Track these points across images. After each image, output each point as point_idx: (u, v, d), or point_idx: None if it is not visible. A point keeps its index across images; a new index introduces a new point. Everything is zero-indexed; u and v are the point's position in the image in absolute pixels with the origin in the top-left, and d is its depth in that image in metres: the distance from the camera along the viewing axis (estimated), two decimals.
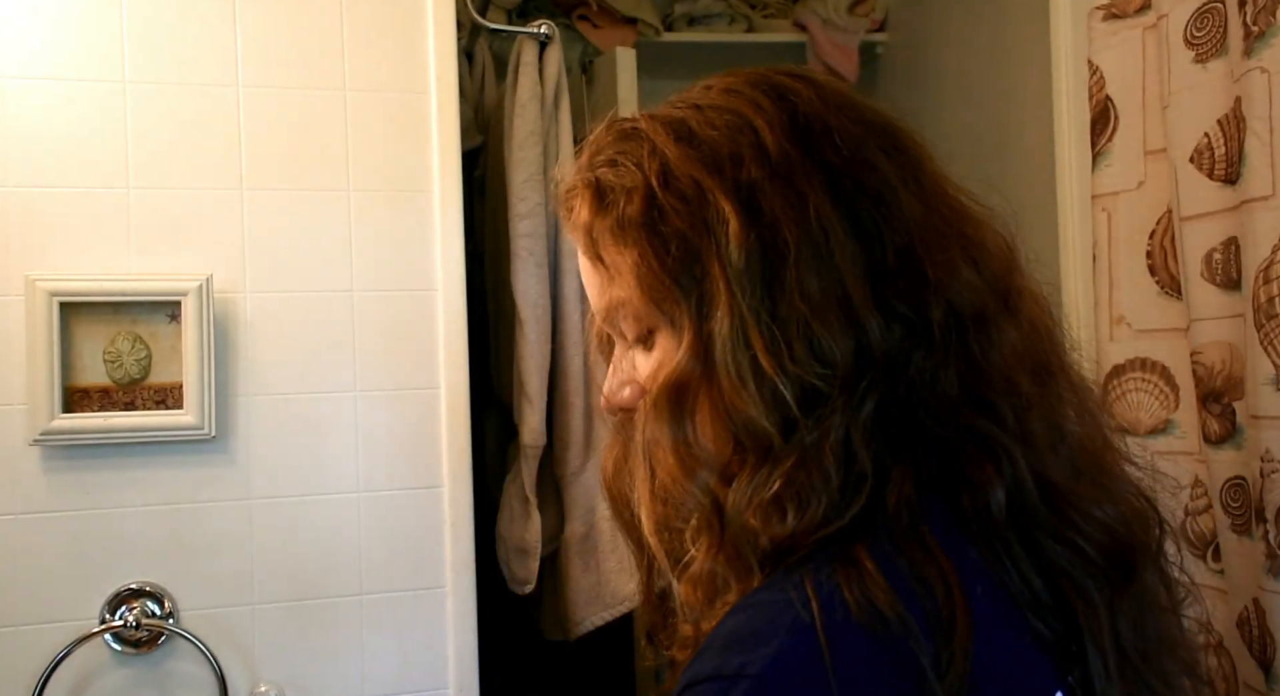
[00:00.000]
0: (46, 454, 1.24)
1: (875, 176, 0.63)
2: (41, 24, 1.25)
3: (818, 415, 0.60)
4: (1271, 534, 1.21)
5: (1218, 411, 1.32)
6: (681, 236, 0.63)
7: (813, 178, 0.62)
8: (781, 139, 0.63)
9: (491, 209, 1.88)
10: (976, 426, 0.61)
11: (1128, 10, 1.50)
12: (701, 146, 0.65)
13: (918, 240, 0.62)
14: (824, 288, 0.60)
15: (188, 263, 1.29)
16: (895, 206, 0.63)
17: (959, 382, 0.61)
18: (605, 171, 0.68)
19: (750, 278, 0.61)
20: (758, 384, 0.60)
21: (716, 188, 0.62)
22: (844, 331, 0.60)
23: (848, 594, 0.55)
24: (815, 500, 0.59)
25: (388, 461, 1.36)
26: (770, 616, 0.55)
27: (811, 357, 0.60)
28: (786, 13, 2.61)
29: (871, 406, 0.60)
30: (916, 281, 0.62)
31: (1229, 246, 1.29)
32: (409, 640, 1.36)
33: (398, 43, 1.37)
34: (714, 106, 0.67)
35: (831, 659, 0.52)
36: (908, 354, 0.61)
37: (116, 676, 1.26)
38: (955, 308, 0.62)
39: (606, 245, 0.67)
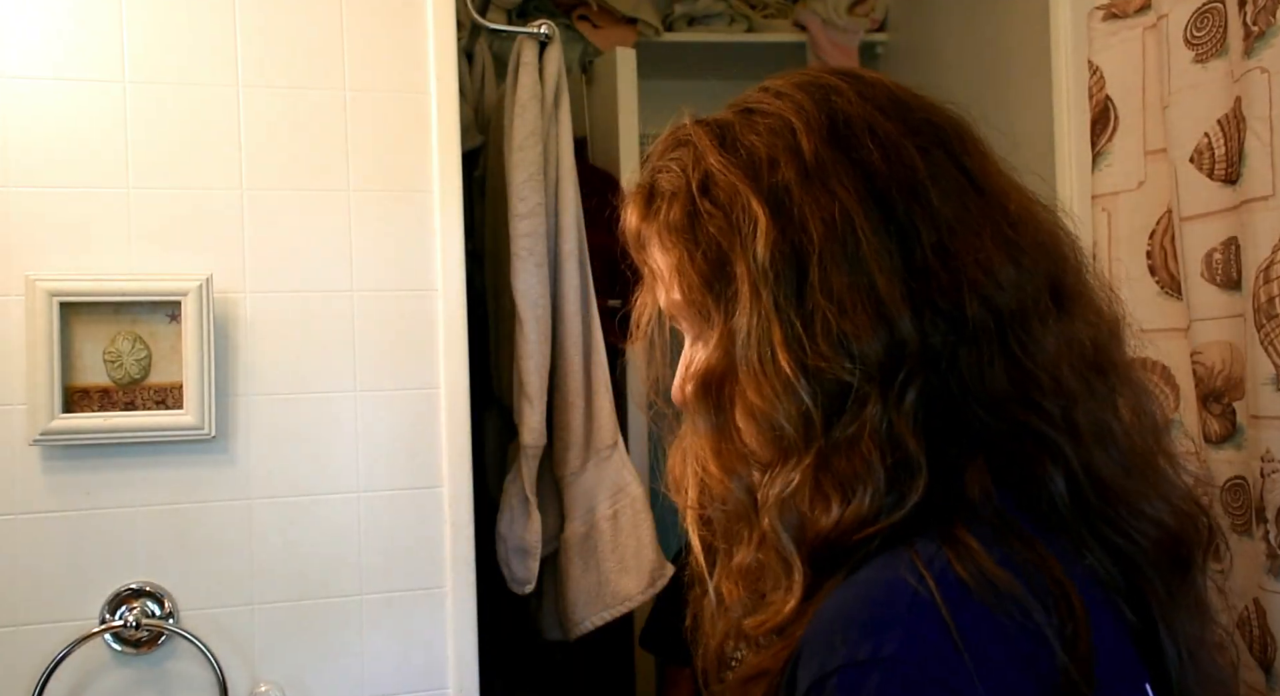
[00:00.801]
0: (46, 454, 1.24)
1: (911, 175, 0.64)
2: (42, 24, 1.25)
3: (851, 408, 0.60)
4: (1271, 534, 1.21)
5: (1218, 411, 1.32)
6: (713, 239, 0.65)
7: (844, 178, 0.63)
8: (817, 141, 0.65)
9: (491, 209, 1.88)
10: (1028, 422, 0.62)
11: (1128, 10, 1.50)
12: (740, 153, 0.66)
13: (953, 238, 0.63)
14: (851, 284, 0.61)
15: (188, 263, 1.29)
16: (930, 205, 0.63)
17: (1002, 382, 0.62)
18: (659, 177, 0.71)
19: (774, 276, 0.62)
20: (777, 380, 0.61)
21: (750, 192, 0.64)
22: (874, 326, 0.61)
23: (960, 570, 0.55)
24: (862, 490, 0.59)
25: (388, 461, 1.36)
26: (885, 596, 0.56)
27: (838, 352, 0.60)
28: (786, 13, 2.61)
29: (914, 397, 0.61)
30: (953, 279, 0.62)
31: (1229, 246, 1.29)
32: (409, 640, 1.36)
33: (398, 43, 1.37)
34: (761, 111, 0.68)
35: (960, 634, 0.53)
36: (953, 349, 0.62)
37: (116, 676, 1.26)
38: (993, 304, 0.62)
39: (653, 249, 0.70)
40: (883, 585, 0.56)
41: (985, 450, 0.61)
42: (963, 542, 0.57)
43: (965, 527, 0.58)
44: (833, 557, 0.60)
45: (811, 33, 2.54)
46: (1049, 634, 0.54)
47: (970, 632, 0.53)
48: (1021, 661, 0.54)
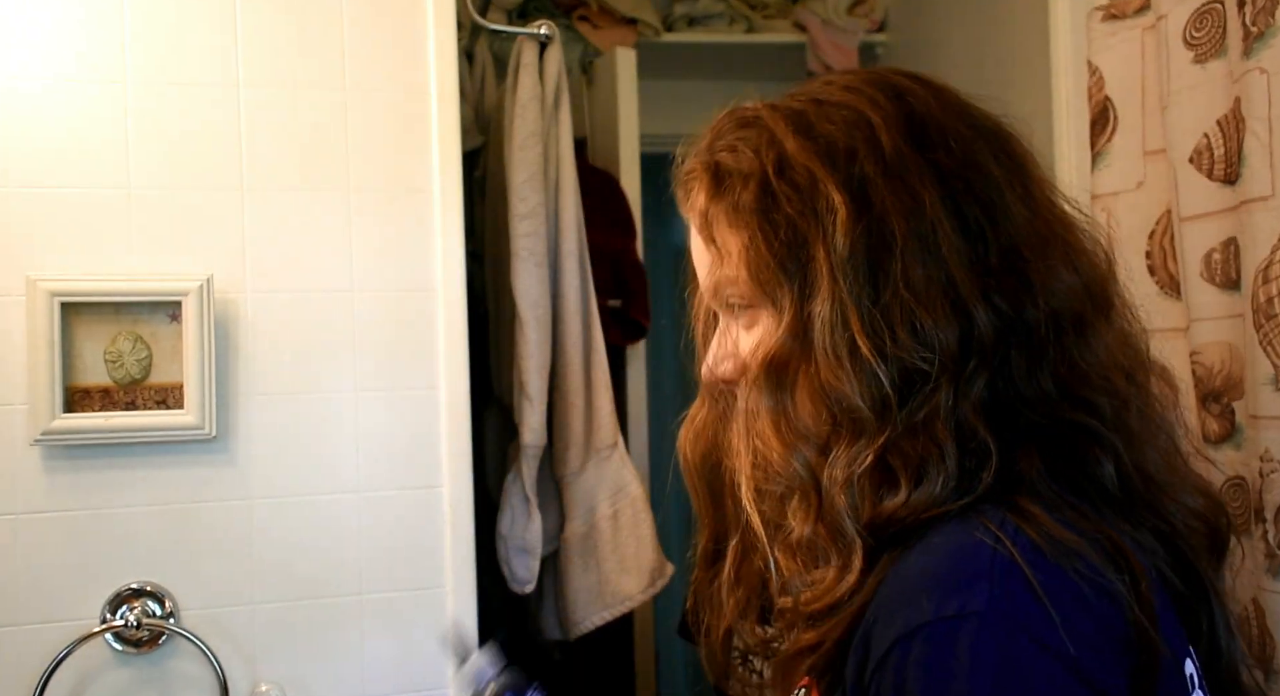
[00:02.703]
0: (47, 454, 1.24)
1: (984, 180, 0.67)
2: (42, 24, 1.25)
3: (922, 394, 0.63)
4: (1271, 534, 1.21)
5: (1217, 411, 1.32)
6: (791, 223, 0.66)
7: (924, 176, 0.66)
8: (897, 137, 0.67)
9: (491, 209, 1.88)
10: (1076, 420, 0.65)
11: (1127, 11, 1.50)
12: (818, 139, 0.68)
13: (1021, 243, 0.66)
14: (929, 278, 0.64)
15: (188, 263, 1.29)
16: (1002, 210, 0.66)
17: (1054, 381, 0.65)
18: (725, 156, 0.71)
19: (854, 266, 0.64)
20: (854, 364, 0.63)
21: (829, 179, 0.66)
22: (949, 319, 0.63)
23: (1033, 534, 0.57)
24: (933, 472, 0.62)
25: (388, 461, 1.36)
26: (966, 557, 0.58)
27: (915, 342, 0.63)
28: (786, 13, 2.61)
29: (981, 387, 0.63)
30: (1018, 282, 0.65)
31: (1228, 247, 1.29)
32: (409, 640, 1.36)
33: (398, 43, 1.37)
34: (833, 102, 0.70)
35: (1043, 589, 0.55)
36: (1005, 349, 0.64)
37: (117, 676, 1.26)
38: (1055, 310, 0.65)
39: (720, 227, 0.71)
40: (961, 546, 0.58)
41: (1034, 440, 0.64)
42: (1027, 510, 0.59)
43: (1026, 498, 0.60)
44: (894, 536, 0.62)
45: (811, 33, 2.55)
46: (1121, 590, 0.57)
47: (1050, 588, 0.55)
48: (1097, 616, 0.56)
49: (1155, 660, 0.57)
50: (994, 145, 0.69)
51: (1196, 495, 0.70)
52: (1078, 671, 0.54)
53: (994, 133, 0.70)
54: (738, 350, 0.73)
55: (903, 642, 0.57)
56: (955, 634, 0.55)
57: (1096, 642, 0.56)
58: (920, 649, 0.56)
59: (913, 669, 0.56)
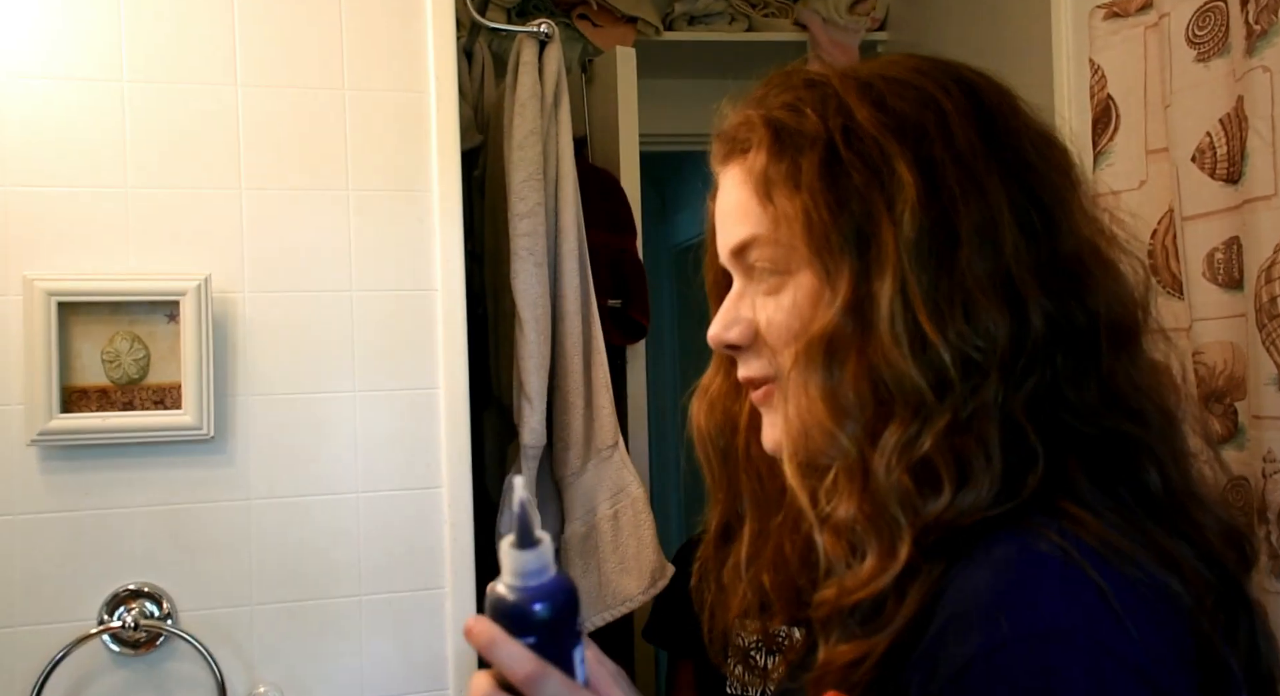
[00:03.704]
0: (44, 454, 1.24)
1: (1044, 185, 0.66)
2: (41, 24, 1.25)
3: (974, 386, 0.62)
4: (1273, 534, 1.21)
5: (1220, 411, 1.32)
6: (859, 195, 0.64)
7: (991, 170, 0.65)
8: (968, 126, 0.66)
9: (491, 209, 1.88)
10: (1121, 428, 0.64)
11: (1129, 9, 1.49)
12: (891, 113, 0.66)
13: (1073, 251, 0.66)
14: (990, 271, 0.63)
15: (186, 262, 1.28)
16: (1060, 217, 0.66)
17: (1100, 390, 0.64)
18: (784, 113, 0.69)
19: (919, 248, 0.63)
20: (916, 344, 0.62)
21: (899, 156, 0.64)
22: (1004, 314, 0.62)
23: (1093, 542, 0.57)
24: (979, 474, 0.60)
25: (388, 461, 1.35)
26: (1037, 570, 0.56)
27: (972, 331, 0.62)
28: (787, 12, 2.60)
29: (1031, 386, 0.63)
30: (1071, 287, 0.64)
31: (1231, 246, 1.29)
32: (409, 640, 1.35)
33: (398, 42, 1.37)
34: (901, 80, 0.68)
35: (1120, 603, 0.54)
36: (1052, 352, 0.63)
37: (115, 677, 1.26)
38: (1103, 319, 0.65)
39: (780, 188, 0.68)
40: (1029, 559, 0.57)
41: (1077, 448, 0.63)
42: (1080, 517, 0.58)
43: (1075, 504, 0.59)
44: (940, 541, 0.60)
45: (812, 32, 2.54)
46: (1186, 601, 0.56)
47: (1123, 600, 0.55)
48: (1166, 629, 0.56)
49: (1226, 676, 0.57)
50: (1053, 154, 0.69)
51: (1229, 511, 0.70)
52: (1156, 688, 0.54)
53: (1052, 142, 0.71)
54: (752, 315, 0.71)
55: (980, 661, 0.55)
56: (1038, 652, 0.54)
57: (1167, 657, 0.55)
58: (1003, 668, 0.54)
59: (998, 688, 0.54)
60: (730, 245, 0.72)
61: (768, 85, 0.72)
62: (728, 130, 0.73)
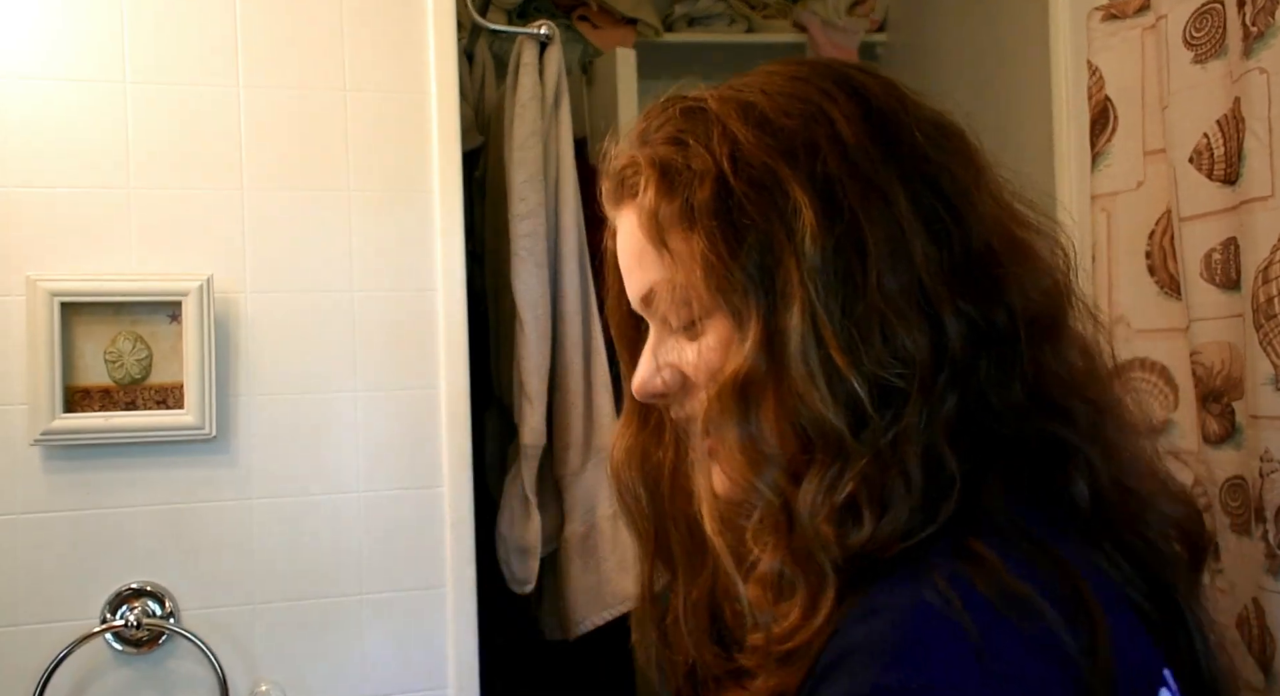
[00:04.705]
0: (47, 454, 1.24)
1: (949, 178, 0.62)
2: (42, 24, 1.25)
3: (895, 413, 0.58)
4: (1271, 533, 1.21)
5: (1217, 411, 1.32)
6: (754, 227, 0.60)
7: (891, 175, 0.61)
8: (859, 132, 0.62)
9: (491, 209, 1.88)
10: (1048, 430, 0.61)
11: (1127, 11, 1.50)
12: (777, 133, 0.62)
13: (986, 244, 0.62)
14: (902, 286, 0.59)
15: (188, 263, 1.29)
16: (966, 210, 0.62)
17: (1025, 389, 0.61)
18: (669, 150, 0.65)
19: (826, 274, 0.59)
20: (830, 381, 0.58)
21: (792, 178, 0.60)
22: (922, 329, 0.59)
23: (984, 589, 0.53)
24: (898, 503, 0.57)
25: (388, 461, 1.36)
26: (914, 622, 0.54)
27: (890, 356, 0.58)
28: (786, 13, 2.61)
29: (953, 404, 0.59)
30: (987, 285, 0.61)
31: (1228, 247, 1.29)
32: (409, 640, 1.36)
33: (398, 43, 1.37)
34: (783, 93, 0.64)
35: (992, 656, 0.51)
36: (974, 358, 0.60)
37: (117, 676, 1.26)
38: (1022, 313, 0.61)
39: (672, 229, 0.64)
40: (909, 608, 0.54)
41: (1002, 459, 0.60)
42: (980, 557, 0.55)
43: (980, 540, 0.56)
44: (859, 572, 0.58)
45: (811, 33, 2.54)
46: (1071, 647, 0.53)
47: (1002, 653, 0.52)
48: (1048, 679, 0.52)
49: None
50: (952, 142, 0.65)
51: (1175, 504, 0.67)
52: None
53: (948, 129, 0.66)
54: (675, 361, 0.67)
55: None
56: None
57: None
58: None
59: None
60: (637, 295, 0.69)
61: (647, 117, 0.68)
62: (614, 171, 0.69)
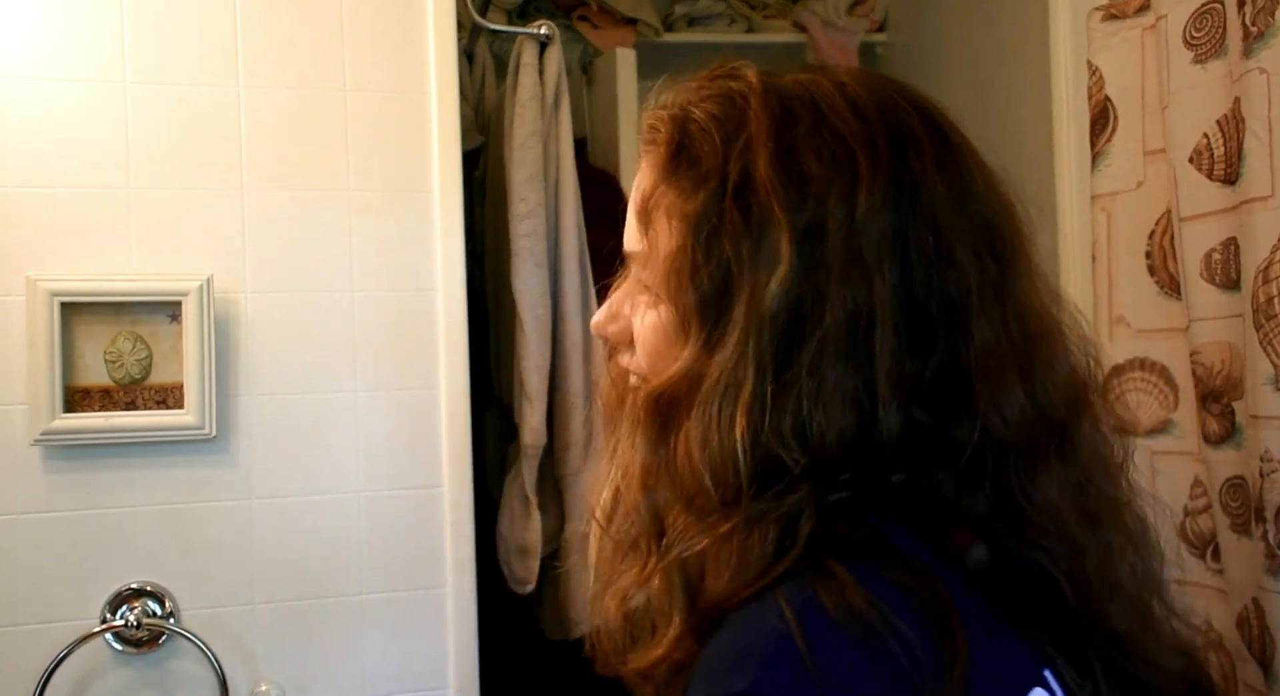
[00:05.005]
0: (48, 454, 1.24)
1: (958, 280, 0.58)
2: (42, 24, 1.25)
3: (775, 491, 0.56)
4: (1271, 533, 1.21)
5: (1217, 411, 1.32)
6: (725, 259, 0.59)
7: (887, 259, 0.57)
8: (877, 200, 0.58)
9: (491, 209, 1.88)
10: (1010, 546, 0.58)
11: (1127, 11, 1.50)
12: (793, 174, 0.58)
13: (974, 362, 0.58)
14: (842, 376, 0.56)
15: (188, 263, 1.29)
16: (964, 318, 0.58)
17: (991, 502, 0.58)
18: (694, 129, 0.62)
19: (770, 337, 0.57)
20: (725, 440, 0.57)
21: (785, 227, 0.57)
22: (842, 423, 0.56)
23: (825, 599, 0.52)
24: (755, 562, 0.56)
25: (388, 461, 1.36)
26: (746, 636, 0.53)
27: (796, 437, 0.56)
28: (786, 13, 2.61)
29: (846, 492, 0.57)
30: (954, 401, 0.58)
31: (1228, 246, 1.29)
32: (409, 640, 1.36)
33: (398, 43, 1.37)
34: (832, 127, 0.60)
35: (818, 670, 0.50)
36: (929, 470, 0.58)
37: (117, 676, 1.26)
38: (996, 439, 0.58)
39: (658, 216, 0.63)
40: (746, 626, 0.54)
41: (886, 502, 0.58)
42: (831, 574, 0.53)
43: (836, 560, 0.54)
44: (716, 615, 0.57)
45: (811, 33, 2.54)
46: (915, 665, 0.51)
47: (831, 667, 0.50)
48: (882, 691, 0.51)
49: None
50: (985, 239, 0.60)
51: (1174, 656, 0.64)
52: None
53: (991, 224, 0.61)
54: (628, 316, 0.68)
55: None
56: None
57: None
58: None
59: None
60: (626, 244, 0.68)
61: (697, 84, 0.65)
62: (646, 119, 0.67)
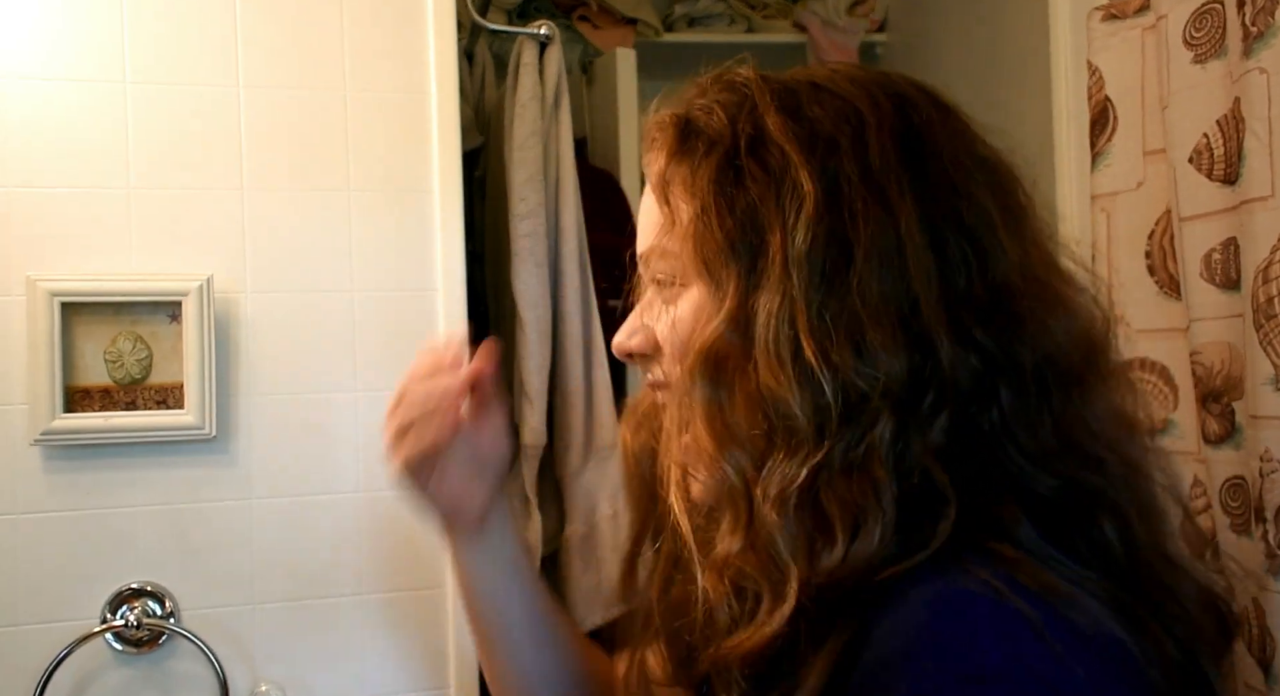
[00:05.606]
0: (47, 454, 1.24)
1: (975, 211, 0.61)
2: (42, 24, 1.25)
3: (862, 423, 0.56)
4: (1271, 533, 1.21)
5: (1217, 411, 1.32)
6: (751, 204, 0.61)
7: (905, 192, 0.60)
8: (887, 143, 0.61)
9: (492, 209, 1.88)
10: (1077, 476, 0.58)
11: (1127, 11, 1.50)
12: (804, 121, 0.62)
13: (1013, 281, 0.60)
14: (886, 295, 0.58)
15: (188, 263, 1.29)
16: (991, 245, 0.61)
17: (1055, 433, 0.59)
18: (695, 114, 0.66)
19: (809, 263, 0.58)
20: (796, 368, 0.57)
21: (803, 166, 0.60)
22: (901, 345, 0.57)
23: (1030, 584, 0.51)
24: (870, 521, 0.55)
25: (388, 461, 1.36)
26: (962, 609, 0.51)
27: (858, 360, 0.56)
28: (786, 13, 2.61)
29: (945, 425, 0.57)
30: (1007, 321, 0.59)
31: (1228, 247, 1.29)
32: (409, 640, 1.36)
33: (398, 43, 1.37)
34: (830, 90, 0.64)
35: (1054, 639, 0.49)
36: (992, 388, 0.58)
37: (117, 676, 1.26)
38: (1051, 358, 0.59)
39: (675, 189, 0.65)
40: (952, 595, 0.52)
41: (1021, 499, 0.57)
42: (1012, 559, 0.53)
43: (1006, 545, 0.54)
44: (847, 597, 0.55)
45: (811, 33, 2.55)
46: (1135, 649, 0.51)
47: (1061, 641, 0.49)
48: (1110, 673, 0.50)
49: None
50: (992, 179, 0.64)
51: (1206, 584, 0.64)
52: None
53: (995, 167, 0.65)
54: (653, 325, 0.68)
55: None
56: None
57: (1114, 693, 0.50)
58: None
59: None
60: (638, 252, 0.69)
61: (695, 86, 0.69)
62: (646, 128, 0.71)
